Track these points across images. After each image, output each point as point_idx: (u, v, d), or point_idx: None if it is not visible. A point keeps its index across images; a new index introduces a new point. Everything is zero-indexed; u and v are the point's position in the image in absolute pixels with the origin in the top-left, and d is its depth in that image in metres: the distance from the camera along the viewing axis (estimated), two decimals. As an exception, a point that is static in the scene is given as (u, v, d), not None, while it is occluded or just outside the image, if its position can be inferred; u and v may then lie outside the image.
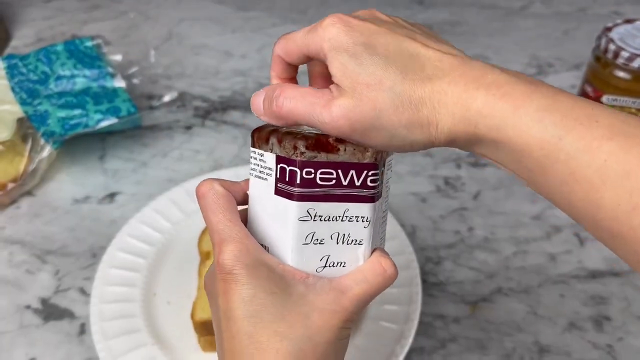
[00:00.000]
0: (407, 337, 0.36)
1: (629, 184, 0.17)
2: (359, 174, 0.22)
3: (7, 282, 0.42)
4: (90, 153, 0.53)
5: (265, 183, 0.23)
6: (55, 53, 0.54)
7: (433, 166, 0.52)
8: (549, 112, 0.19)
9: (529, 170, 0.20)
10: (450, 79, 0.20)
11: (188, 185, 0.47)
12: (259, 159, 0.23)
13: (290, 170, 0.22)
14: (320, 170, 0.22)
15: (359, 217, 0.23)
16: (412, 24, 0.25)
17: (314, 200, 0.22)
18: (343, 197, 0.22)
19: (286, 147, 0.22)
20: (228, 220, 0.22)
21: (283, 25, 0.73)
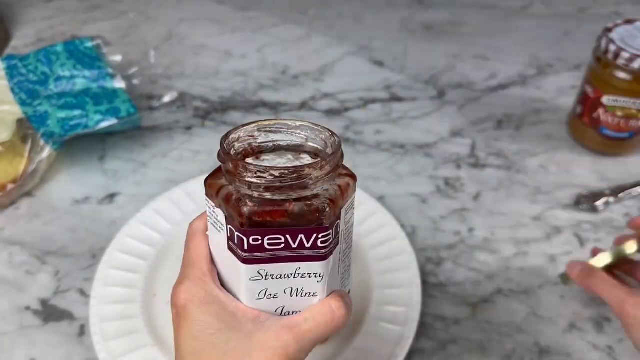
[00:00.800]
0: (407, 338, 0.36)
1: None
2: (308, 237, 0.22)
3: (6, 282, 0.42)
4: (90, 154, 0.53)
5: (219, 235, 0.23)
6: (55, 54, 0.54)
7: (433, 167, 0.52)
8: None
9: None
10: None
11: (188, 186, 0.47)
12: (212, 209, 0.23)
13: (238, 235, 0.22)
14: (268, 237, 0.21)
15: (312, 274, 0.23)
16: None
17: (264, 263, 0.22)
18: (294, 257, 0.22)
19: (232, 211, 0.21)
20: (195, 260, 0.24)
21: (283, 25, 0.73)
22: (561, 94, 0.61)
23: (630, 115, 0.49)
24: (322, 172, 0.22)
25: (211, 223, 0.23)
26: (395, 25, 0.73)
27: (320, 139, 0.24)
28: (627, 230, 0.46)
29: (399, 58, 0.67)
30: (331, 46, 0.69)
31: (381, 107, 0.60)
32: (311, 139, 0.24)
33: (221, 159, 0.22)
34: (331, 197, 0.22)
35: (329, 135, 0.24)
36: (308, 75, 0.64)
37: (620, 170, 0.52)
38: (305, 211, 0.21)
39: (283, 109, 0.59)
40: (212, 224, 0.23)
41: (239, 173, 0.21)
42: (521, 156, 0.54)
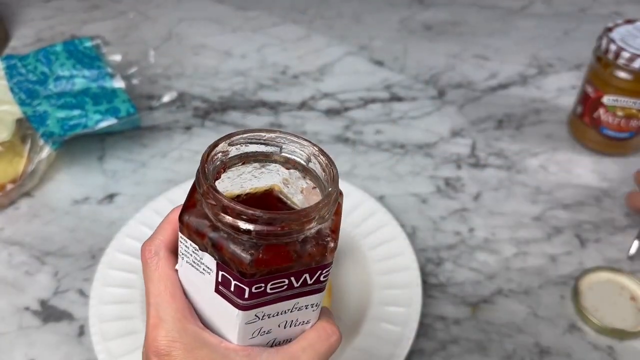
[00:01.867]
0: (407, 338, 0.36)
1: None
2: (312, 275, 0.20)
3: (6, 283, 0.42)
4: (89, 154, 0.53)
5: (201, 276, 0.21)
6: (55, 53, 0.54)
7: (433, 167, 0.52)
8: None
9: None
10: None
11: (187, 186, 0.47)
12: (192, 249, 0.20)
13: (237, 284, 0.19)
14: (272, 282, 0.20)
15: (309, 305, 0.22)
16: None
17: (262, 306, 0.20)
18: (294, 295, 0.21)
19: (231, 261, 0.19)
20: (169, 296, 0.21)
21: (283, 25, 0.72)
22: (561, 93, 0.61)
23: (631, 115, 0.49)
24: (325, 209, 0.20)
25: (187, 261, 0.21)
26: (395, 25, 0.73)
27: (303, 152, 0.22)
28: (628, 230, 0.46)
29: (399, 58, 0.67)
30: (331, 46, 0.69)
31: (381, 107, 0.60)
32: (287, 150, 0.22)
33: (206, 197, 0.19)
34: (332, 228, 0.21)
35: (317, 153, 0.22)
36: (308, 75, 0.64)
37: (620, 170, 0.52)
38: (312, 252, 0.20)
39: (283, 108, 0.59)
40: (188, 263, 0.21)
41: (229, 221, 0.19)
42: (521, 156, 0.53)
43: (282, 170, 0.23)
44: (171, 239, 0.22)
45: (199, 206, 0.20)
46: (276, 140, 0.22)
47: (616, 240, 0.45)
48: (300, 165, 0.22)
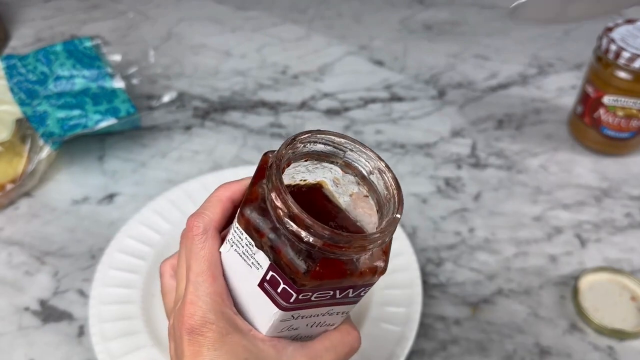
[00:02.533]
0: (407, 339, 0.36)
1: None
2: (355, 290, 0.21)
3: (5, 283, 0.42)
4: (89, 154, 0.53)
5: (249, 269, 0.21)
6: (54, 53, 0.54)
7: (434, 167, 0.52)
8: None
9: None
10: None
11: (187, 186, 0.47)
12: (246, 242, 0.20)
13: (285, 289, 0.19)
14: (318, 292, 0.20)
15: (340, 312, 0.22)
16: None
17: (301, 309, 0.21)
18: (332, 304, 0.21)
19: (287, 267, 0.19)
20: (211, 277, 0.21)
21: (283, 25, 0.72)
22: (562, 93, 0.61)
23: (631, 115, 0.49)
24: (387, 234, 0.20)
25: (236, 250, 0.21)
26: (395, 25, 0.73)
27: (367, 164, 0.22)
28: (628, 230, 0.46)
29: (399, 58, 0.67)
30: (331, 46, 0.69)
31: (381, 107, 0.59)
32: (351, 157, 0.22)
33: (277, 195, 0.19)
34: (384, 250, 0.21)
35: (384, 170, 0.21)
36: (308, 75, 0.64)
37: (620, 170, 0.52)
38: (364, 271, 0.20)
39: (283, 108, 0.59)
40: (237, 252, 0.21)
41: (294, 229, 0.18)
42: (522, 156, 0.53)
43: (336, 170, 0.23)
44: (219, 217, 0.22)
45: (262, 202, 0.20)
46: (343, 145, 0.22)
47: (616, 241, 0.45)
48: (360, 174, 0.22)
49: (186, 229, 0.22)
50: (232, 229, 0.21)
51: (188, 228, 0.22)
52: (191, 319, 0.20)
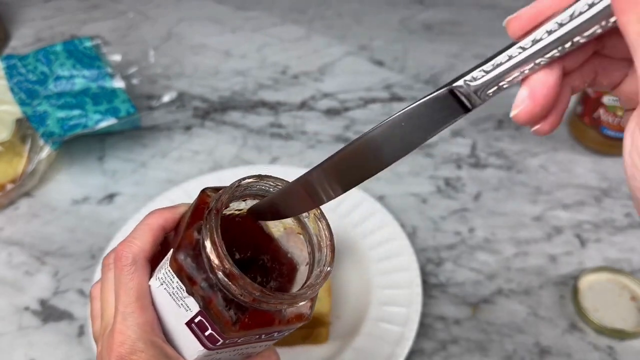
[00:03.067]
0: (407, 338, 0.36)
1: None
2: (280, 332, 0.21)
3: (6, 283, 0.42)
4: (89, 154, 0.53)
5: (177, 308, 0.21)
6: (54, 53, 0.54)
7: (433, 167, 0.52)
8: None
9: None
10: None
11: (187, 186, 0.47)
12: (177, 285, 0.20)
13: (212, 334, 0.20)
14: (244, 337, 0.20)
15: (264, 345, 0.23)
16: None
17: (227, 348, 0.21)
18: (257, 341, 0.22)
19: (217, 316, 0.19)
20: (140, 308, 0.21)
21: (283, 25, 0.72)
22: (561, 93, 0.61)
23: (631, 115, 0.49)
24: (317, 290, 0.21)
25: (166, 289, 0.21)
26: (395, 25, 0.73)
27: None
28: (628, 230, 0.46)
29: (399, 58, 0.67)
30: (331, 46, 0.69)
31: (381, 107, 0.59)
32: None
33: (213, 255, 0.19)
34: (312, 297, 0.22)
35: (319, 216, 0.22)
36: (308, 75, 0.64)
37: (620, 170, 0.52)
38: (291, 319, 0.21)
39: (283, 108, 0.59)
40: (167, 291, 0.21)
41: (227, 283, 0.19)
42: (522, 156, 0.53)
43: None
44: (150, 246, 0.22)
45: (196, 249, 0.20)
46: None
47: (616, 240, 0.45)
48: (301, 223, 0.23)
49: (115, 258, 0.22)
50: (164, 269, 0.21)
51: (117, 257, 0.22)
52: (121, 347, 0.21)
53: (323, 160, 0.19)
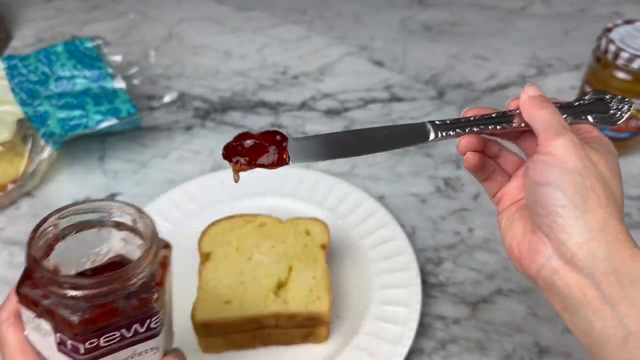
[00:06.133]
0: (407, 338, 0.37)
1: None
2: (142, 324, 0.23)
3: (7, 283, 0.42)
4: (90, 154, 0.53)
5: (45, 339, 0.23)
6: (55, 54, 0.54)
7: (433, 167, 0.52)
8: None
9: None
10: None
11: (188, 186, 0.47)
12: (31, 317, 0.23)
13: (72, 343, 0.22)
14: (104, 336, 0.22)
15: (148, 350, 0.24)
16: None
17: (101, 357, 0.22)
18: (130, 343, 0.23)
19: (62, 324, 0.21)
20: (20, 353, 0.23)
21: (283, 26, 0.73)
22: (561, 94, 0.61)
23: (630, 116, 0.49)
24: (144, 265, 0.22)
25: (31, 327, 0.23)
26: (395, 26, 0.73)
27: (128, 215, 0.25)
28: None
29: (399, 58, 0.67)
30: (331, 46, 0.69)
31: (381, 107, 0.60)
32: (116, 215, 0.25)
33: (33, 270, 0.22)
34: (157, 281, 0.23)
35: (137, 214, 0.24)
36: (308, 75, 0.64)
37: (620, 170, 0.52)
38: (136, 305, 0.22)
39: (283, 109, 0.59)
40: (32, 328, 0.23)
41: (56, 289, 0.21)
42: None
43: (116, 233, 0.25)
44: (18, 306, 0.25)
45: (30, 277, 0.23)
46: (103, 208, 0.25)
47: (615, 240, 0.45)
48: (130, 227, 0.25)
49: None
50: (21, 311, 0.23)
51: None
52: None
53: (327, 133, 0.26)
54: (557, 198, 0.23)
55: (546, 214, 0.23)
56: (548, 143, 0.24)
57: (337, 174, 0.50)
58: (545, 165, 0.24)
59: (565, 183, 0.23)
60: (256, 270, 0.38)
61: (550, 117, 0.25)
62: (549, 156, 0.24)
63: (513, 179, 0.29)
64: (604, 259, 0.22)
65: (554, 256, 0.24)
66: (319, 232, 0.40)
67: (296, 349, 0.37)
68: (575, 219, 0.22)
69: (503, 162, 0.29)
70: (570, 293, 0.23)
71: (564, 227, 0.23)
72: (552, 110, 0.25)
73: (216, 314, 0.35)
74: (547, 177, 0.23)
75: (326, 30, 0.72)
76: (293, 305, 0.36)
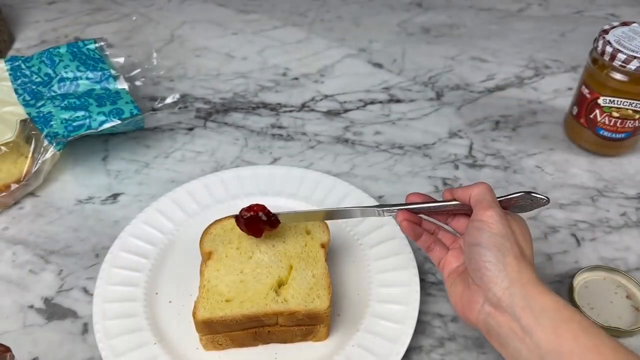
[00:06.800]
0: (406, 335, 0.37)
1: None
2: None
3: (10, 281, 0.43)
4: (93, 154, 0.54)
5: None
6: (59, 55, 0.55)
7: (431, 167, 0.53)
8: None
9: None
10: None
11: (190, 186, 0.47)
12: None
13: None
14: None
15: None
16: None
17: None
18: None
19: None
20: None
21: (284, 28, 0.73)
22: (558, 95, 0.62)
23: (627, 116, 0.50)
24: None
25: None
26: (393, 28, 0.73)
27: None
28: (624, 229, 0.47)
29: (398, 60, 0.68)
30: (331, 48, 0.70)
31: (380, 108, 0.60)
32: None
33: None
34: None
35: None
36: (308, 76, 0.65)
37: (616, 170, 0.53)
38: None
39: (284, 110, 0.60)
40: None
41: None
42: (518, 156, 0.54)
43: None
44: None
45: None
46: None
47: (612, 240, 0.46)
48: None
49: None
50: None
51: None
52: None
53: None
54: (486, 255, 0.30)
55: (478, 268, 0.30)
56: (481, 213, 0.31)
57: (337, 174, 0.51)
58: (477, 230, 0.31)
59: (491, 244, 0.30)
60: (257, 269, 0.38)
61: (484, 193, 0.33)
62: (480, 222, 0.31)
63: (450, 251, 0.36)
64: (521, 298, 0.28)
65: (486, 302, 0.30)
66: (318, 231, 0.40)
67: (296, 347, 0.38)
68: (499, 271, 0.29)
69: (442, 236, 0.37)
70: (502, 330, 0.29)
71: (490, 278, 0.29)
72: (485, 188, 0.33)
73: (217, 312, 0.36)
74: (478, 239, 0.31)
75: (326, 33, 0.73)
76: (293, 303, 0.36)
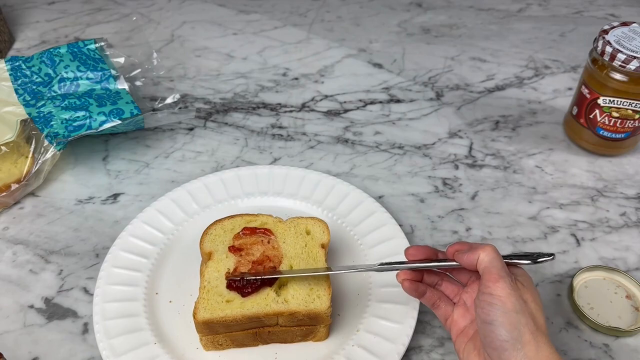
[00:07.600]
0: (405, 335, 0.37)
1: None
2: None
3: (10, 281, 0.43)
4: (93, 154, 0.54)
5: None
6: (59, 55, 0.55)
7: (431, 167, 0.53)
8: None
9: None
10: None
11: (190, 186, 0.48)
12: None
13: None
14: None
15: None
16: None
17: None
18: None
19: None
20: None
21: (284, 28, 0.73)
22: (557, 95, 0.62)
23: (626, 116, 0.50)
24: None
25: None
26: (394, 28, 0.73)
27: None
28: (623, 229, 0.47)
29: (398, 60, 0.68)
30: (331, 48, 0.70)
31: (380, 108, 0.60)
32: None
33: None
34: None
35: None
36: (308, 77, 0.65)
37: (616, 170, 0.53)
38: None
39: (284, 110, 0.60)
40: None
41: None
42: (518, 156, 0.54)
43: None
44: None
45: None
46: None
47: (611, 239, 0.46)
48: None
49: None
50: None
51: None
52: None
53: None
54: (502, 335, 0.30)
55: (494, 347, 0.30)
56: (491, 285, 0.30)
57: (337, 174, 0.51)
58: (490, 305, 0.30)
59: (506, 322, 0.30)
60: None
61: (492, 260, 0.31)
62: (491, 297, 0.30)
63: (456, 308, 0.35)
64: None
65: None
66: (319, 231, 0.40)
67: (297, 347, 0.38)
68: (517, 351, 0.29)
69: (444, 288, 0.36)
70: None
71: (509, 358, 0.29)
72: (492, 254, 0.31)
73: (218, 312, 0.36)
74: (491, 316, 0.30)
75: (326, 33, 0.73)
76: (293, 303, 0.36)
